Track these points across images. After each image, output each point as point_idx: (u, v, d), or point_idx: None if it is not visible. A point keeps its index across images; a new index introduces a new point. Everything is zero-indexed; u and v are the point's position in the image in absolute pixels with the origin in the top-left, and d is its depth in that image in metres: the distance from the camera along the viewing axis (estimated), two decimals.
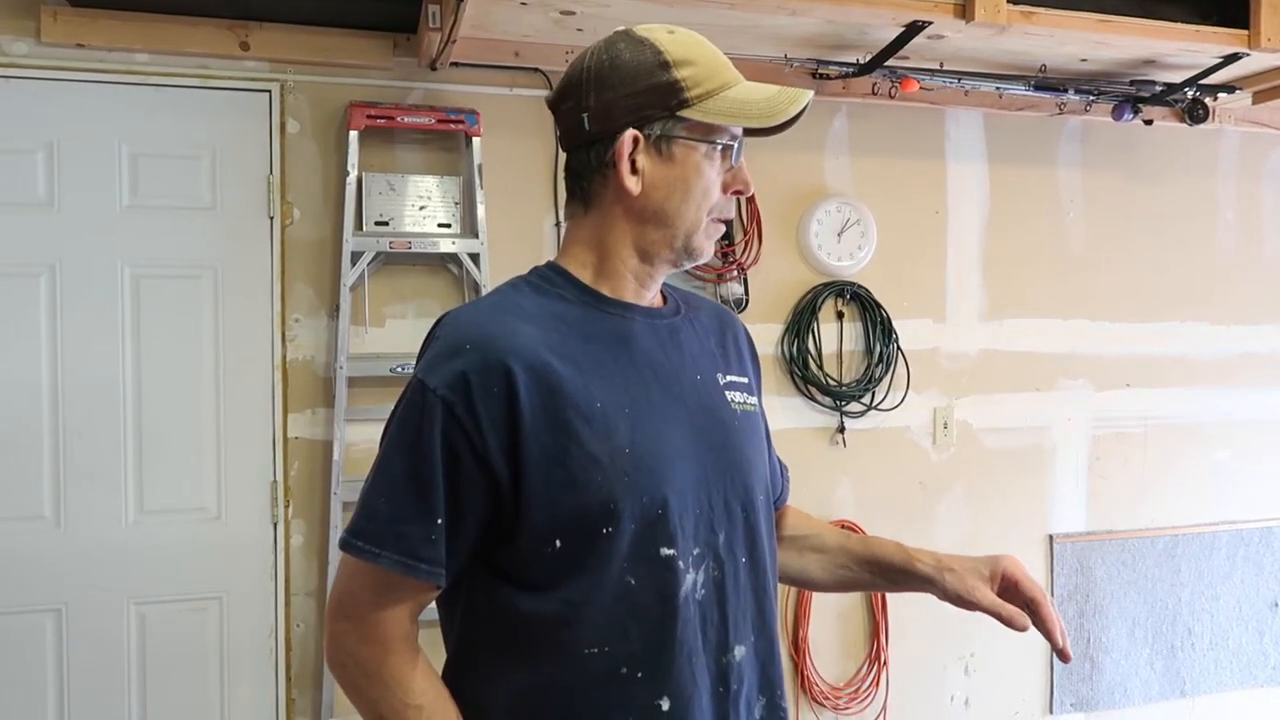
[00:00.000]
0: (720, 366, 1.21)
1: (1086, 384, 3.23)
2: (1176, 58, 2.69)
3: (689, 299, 1.28)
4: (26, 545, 2.41)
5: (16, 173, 2.40)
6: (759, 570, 1.17)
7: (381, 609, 1.06)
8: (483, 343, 1.05)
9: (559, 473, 1.03)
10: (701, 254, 1.16)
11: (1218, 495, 3.37)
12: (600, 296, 1.14)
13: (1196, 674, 3.34)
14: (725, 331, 1.28)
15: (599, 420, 1.05)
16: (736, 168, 1.15)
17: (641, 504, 1.05)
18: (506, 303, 1.13)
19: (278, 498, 2.55)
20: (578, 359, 1.07)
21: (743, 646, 1.13)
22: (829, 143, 2.98)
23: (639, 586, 1.06)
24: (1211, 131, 3.28)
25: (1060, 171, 3.20)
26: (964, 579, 1.23)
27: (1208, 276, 3.36)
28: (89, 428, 2.44)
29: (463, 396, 1.03)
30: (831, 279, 2.96)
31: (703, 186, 1.12)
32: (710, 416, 1.15)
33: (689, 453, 1.11)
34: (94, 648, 2.44)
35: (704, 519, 1.11)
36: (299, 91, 2.56)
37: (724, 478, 1.14)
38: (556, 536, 1.04)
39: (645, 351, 1.13)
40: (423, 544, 1.04)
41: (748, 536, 1.15)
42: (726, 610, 1.12)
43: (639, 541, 1.05)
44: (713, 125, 1.11)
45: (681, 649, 1.07)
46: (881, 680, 3.00)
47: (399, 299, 2.63)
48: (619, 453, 1.05)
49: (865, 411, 2.99)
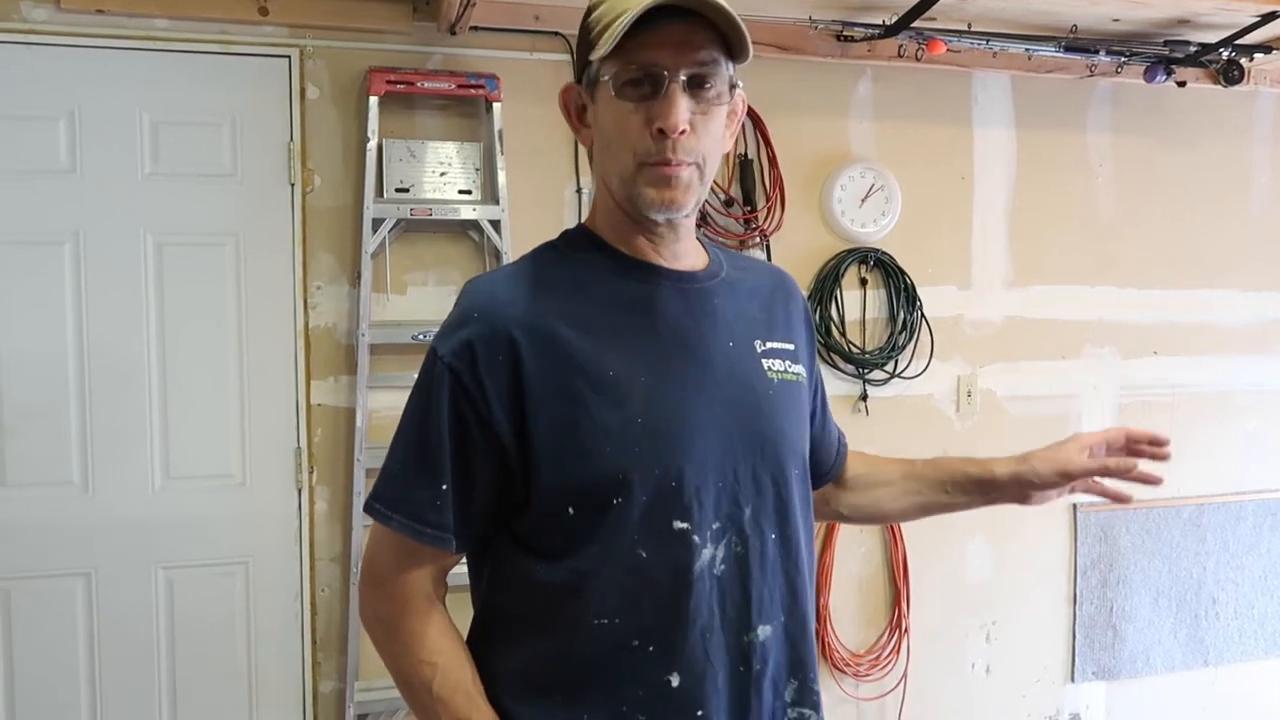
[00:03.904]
0: (761, 333, 1.16)
1: (1113, 352, 3.19)
2: (1212, 17, 2.62)
3: (738, 260, 1.25)
4: (57, 511, 2.44)
5: (39, 140, 2.40)
6: (790, 547, 1.12)
7: (402, 571, 1.09)
8: (490, 311, 1.06)
9: (568, 441, 1.03)
10: (645, 204, 1.06)
11: (1245, 464, 3.33)
12: (625, 259, 1.12)
13: (1220, 643, 3.32)
14: (775, 295, 1.23)
15: (610, 389, 1.04)
16: (657, 102, 1.03)
17: (654, 476, 1.03)
18: (527, 270, 1.13)
19: (301, 464, 2.57)
20: (593, 326, 1.06)
21: (769, 626, 1.09)
22: (853, 107, 2.93)
23: (650, 559, 1.04)
24: (1246, 93, 3.20)
25: (1089, 135, 3.14)
26: (1053, 456, 1.22)
27: (1239, 242, 3.29)
28: (115, 395, 2.46)
29: (468, 365, 1.04)
30: (855, 245, 2.93)
31: (618, 129, 1.05)
32: (740, 385, 1.11)
33: (712, 424, 1.07)
34: (123, 612, 2.48)
35: (727, 492, 1.07)
36: (318, 57, 2.55)
37: (753, 450, 1.09)
38: (568, 505, 1.04)
39: (670, 318, 1.10)
40: (429, 509, 1.06)
41: (779, 512, 1.11)
42: (750, 587, 1.08)
43: (650, 513, 1.04)
44: (613, 59, 1.02)
45: (694, 625, 1.05)
46: (902, 648, 3.00)
47: (420, 266, 2.62)
48: (630, 422, 1.03)
49: (888, 380, 2.97)
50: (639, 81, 1.03)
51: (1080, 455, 1.21)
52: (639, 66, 1.02)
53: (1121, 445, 1.22)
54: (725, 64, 1.05)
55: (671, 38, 1.01)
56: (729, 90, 1.07)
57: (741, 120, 1.17)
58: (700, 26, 1.02)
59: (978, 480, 1.27)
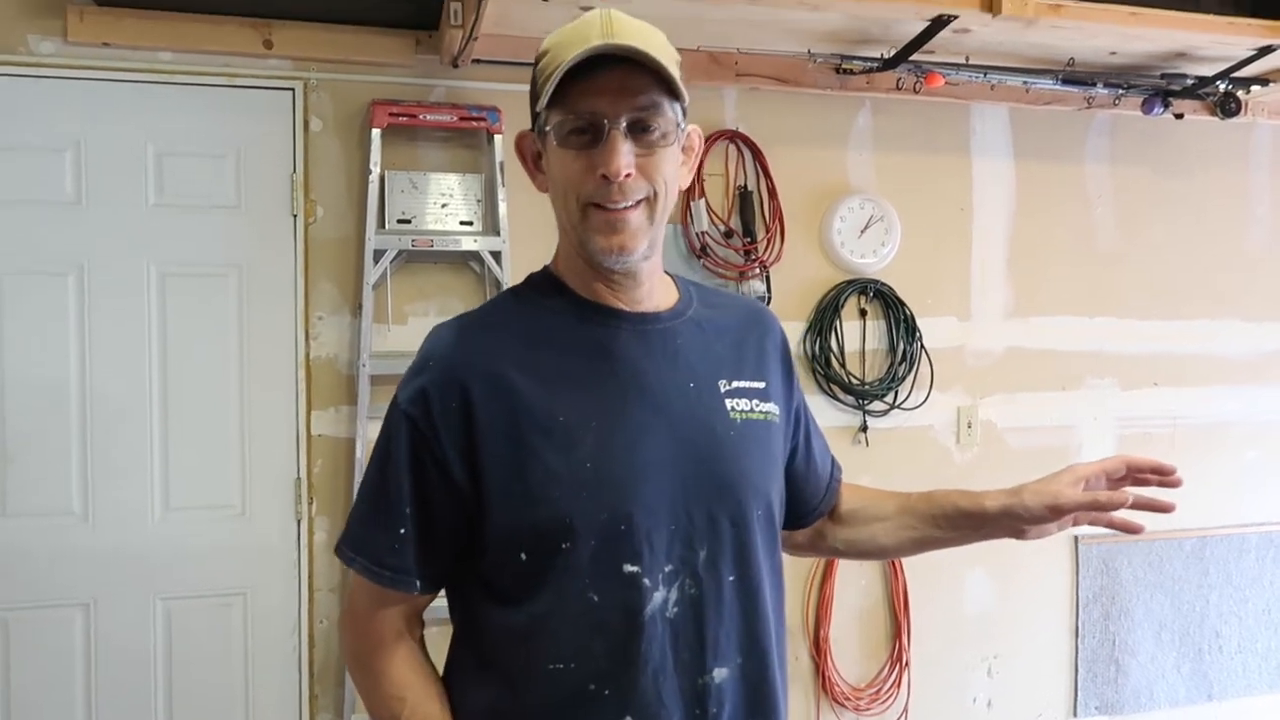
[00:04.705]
0: (727, 372, 1.15)
1: (1113, 383, 3.19)
2: (1208, 50, 2.64)
3: (711, 297, 1.24)
4: (56, 540, 2.43)
5: (44, 171, 2.42)
6: (750, 589, 1.10)
7: (374, 610, 1.12)
8: (446, 359, 1.09)
9: (518, 486, 1.04)
10: (596, 251, 1.06)
11: (1248, 496, 3.32)
12: (585, 304, 1.12)
13: (1224, 678, 3.29)
14: (748, 333, 1.21)
15: (560, 434, 1.04)
16: (599, 149, 1.03)
17: (601, 520, 1.03)
18: (487, 316, 1.17)
19: (301, 495, 2.56)
20: (546, 372, 1.07)
21: (725, 668, 1.08)
22: (852, 139, 2.95)
23: (602, 603, 1.04)
24: (1243, 125, 3.22)
25: (1087, 166, 3.16)
26: (1043, 489, 1.16)
27: (1238, 272, 3.30)
28: (116, 425, 2.46)
29: (424, 412, 1.07)
30: (854, 276, 2.94)
31: (565, 176, 1.06)
32: (699, 427, 1.10)
33: (665, 466, 1.07)
34: (121, 643, 2.47)
35: (680, 535, 1.06)
36: (322, 90, 2.57)
37: (708, 492, 1.08)
38: (520, 550, 1.05)
39: (627, 361, 1.10)
40: (388, 552, 1.09)
41: (737, 554, 1.09)
42: (704, 630, 1.07)
43: (600, 557, 1.04)
44: (555, 109, 1.04)
45: (646, 668, 1.04)
46: (903, 681, 2.98)
47: (421, 297, 2.63)
48: (579, 467, 1.04)
49: (888, 410, 2.96)
50: (581, 130, 1.04)
51: (1072, 488, 1.15)
52: (579, 115, 1.03)
53: (1123, 475, 1.18)
54: (669, 104, 1.05)
55: (610, 84, 1.02)
56: (676, 129, 1.07)
57: (699, 154, 1.16)
58: (638, 71, 1.02)
59: (969, 515, 1.22)
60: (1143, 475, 1.18)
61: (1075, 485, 1.16)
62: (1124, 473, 1.18)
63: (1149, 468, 1.17)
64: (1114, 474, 1.17)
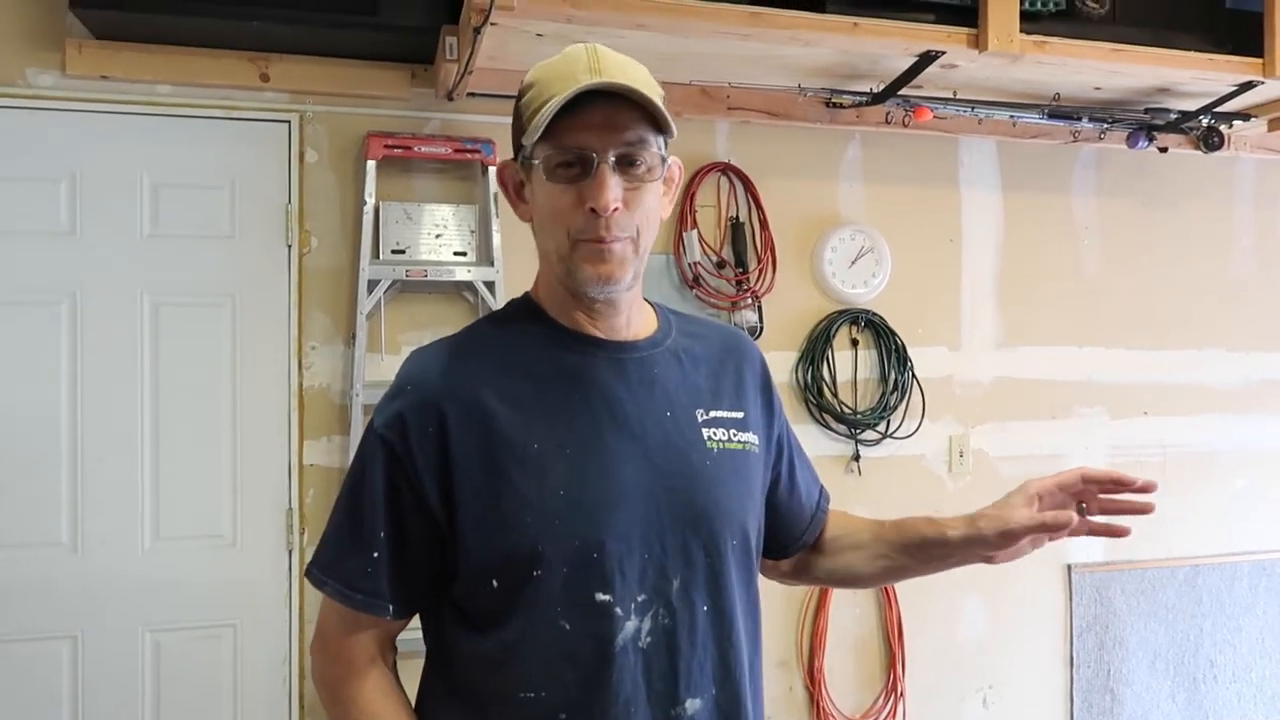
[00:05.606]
0: (704, 401, 1.15)
1: (1103, 411, 3.21)
2: (1190, 86, 2.69)
3: (690, 325, 1.23)
4: (44, 571, 2.42)
5: (40, 201, 2.43)
6: (724, 619, 1.10)
7: (345, 635, 1.11)
8: (423, 384, 1.09)
9: (492, 513, 1.04)
10: (583, 280, 1.07)
11: (1239, 524, 3.34)
12: (564, 331, 1.13)
13: (1219, 707, 3.28)
14: (727, 361, 1.21)
15: (533, 462, 1.05)
16: (588, 183, 1.04)
17: (573, 548, 1.03)
18: (465, 342, 1.16)
19: (293, 525, 2.55)
20: (520, 399, 1.07)
21: (698, 699, 1.07)
22: (842, 171, 2.99)
23: (573, 631, 1.03)
24: (1226, 158, 3.27)
25: (1075, 198, 3.21)
26: (997, 514, 1.14)
27: (1224, 303, 3.34)
28: (107, 454, 2.46)
29: (400, 437, 1.07)
30: (846, 307, 2.96)
31: (553, 209, 1.06)
32: (674, 456, 1.09)
33: (639, 495, 1.06)
34: (109, 675, 2.44)
35: (653, 564, 1.06)
36: (318, 122, 2.60)
37: (683, 521, 1.08)
38: (492, 576, 1.05)
39: (604, 389, 1.10)
40: (360, 576, 1.08)
41: (711, 583, 1.09)
42: (678, 660, 1.06)
43: (571, 585, 1.03)
44: (544, 143, 1.04)
45: (618, 698, 1.04)
46: (898, 712, 2.96)
47: (415, 326, 2.64)
48: (552, 495, 1.04)
49: (880, 440, 2.97)
50: (570, 164, 1.04)
51: (1024, 510, 1.13)
52: (568, 149, 1.04)
53: (1078, 489, 1.15)
54: (655, 140, 1.06)
55: (599, 119, 1.03)
56: (660, 164, 1.08)
57: (679, 187, 1.17)
58: (626, 107, 1.03)
59: (935, 544, 1.21)
60: (1105, 487, 1.15)
61: (1029, 504, 1.14)
62: (1079, 486, 1.15)
63: (1108, 479, 1.14)
64: (1069, 487, 1.15)
